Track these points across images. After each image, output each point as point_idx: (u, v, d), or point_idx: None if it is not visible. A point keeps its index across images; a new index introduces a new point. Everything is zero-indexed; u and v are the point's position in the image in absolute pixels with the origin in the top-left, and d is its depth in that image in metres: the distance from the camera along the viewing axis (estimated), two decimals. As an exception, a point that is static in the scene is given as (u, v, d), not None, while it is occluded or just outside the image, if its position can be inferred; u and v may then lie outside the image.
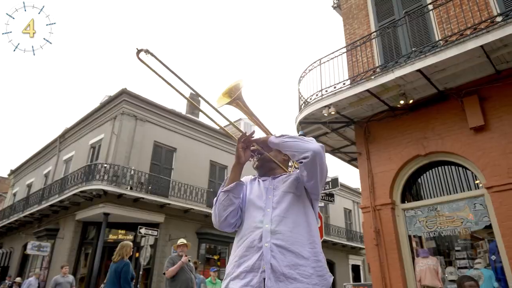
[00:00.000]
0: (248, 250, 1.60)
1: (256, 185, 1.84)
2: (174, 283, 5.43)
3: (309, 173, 1.65)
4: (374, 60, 7.30)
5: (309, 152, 1.61)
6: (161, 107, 15.66)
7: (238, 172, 1.78)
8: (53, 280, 8.45)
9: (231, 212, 1.71)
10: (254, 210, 1.71)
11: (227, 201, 1.71)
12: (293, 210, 1.66)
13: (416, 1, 7.16)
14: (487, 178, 5.49)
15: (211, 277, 7.83)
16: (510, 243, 5.07)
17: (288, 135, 1.74)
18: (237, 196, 1.73)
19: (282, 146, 1.71)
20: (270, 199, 1.71)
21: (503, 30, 4.88)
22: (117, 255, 5.30)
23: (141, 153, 14.52)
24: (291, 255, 1.53)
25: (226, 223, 1.73)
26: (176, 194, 14.57)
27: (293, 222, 1.62)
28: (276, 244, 1.55)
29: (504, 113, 5.52)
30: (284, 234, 1.58)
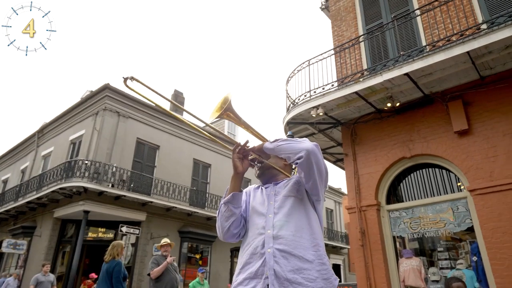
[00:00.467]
0: (251, 257, 1.60)
1: (259, 193, 1.83)
2: (159, 283, 5.34)
3: (306, 173, 1.65)
4: (362, 62, 7.38)
5: (303, 152, 1.60)
6: (144, 103, 15.39)
7: (237, 182, 1.77)
8: (34, 278, 8.20)
9: (233, 222, 1.71)
10: (256, 217, 1.71)
11: (228, 212, 1.71)
12: (295, 214, 1.65)
13: (404, 6, 7.28)
14: (470, 181, 5.63)
15: (199, 278, 7.66)
16: (491, 244, 5.22)
17: (282, 138, 1.73)
18: (237, 206, 1.72)
19: (278, 150, 1.70)
20: (272, 204, 1.70)
21: (489, 37, 5.00)
22: (108, 255, 5.22)
23: (123, 150, 14.25)
24: (295, 259, 1.52)
25: (229, 233, 1.73)
26: (158, 192, 14.38)
27: (295, 226, 1.61)
28: (278, 249, 1.54)
29: (487, 118, 5.67)
30: (287, 238, 1.57)
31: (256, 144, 1.86)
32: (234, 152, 1.76)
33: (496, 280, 5.08)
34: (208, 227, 15.95)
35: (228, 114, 1.78)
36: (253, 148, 1.82)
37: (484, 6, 6.11)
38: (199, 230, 15.43)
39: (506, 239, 5.12)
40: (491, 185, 5.38)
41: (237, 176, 1.76)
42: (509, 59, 5.47)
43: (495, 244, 5.19)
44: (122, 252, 5.42)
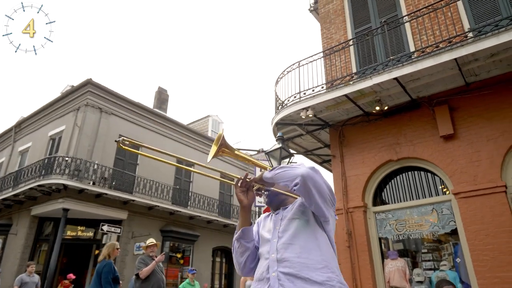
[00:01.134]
0: (258, 284, 1.59)
1: (268, 221, 1.83)
2: (146, 284, 5.25)
3: (306, 198, 1.62)
4: (350, 65, 7.46)
5: (298, 178, 1.57)
6: (128, 100, 15.14)
7: (246, 215, 1.77)
8: (18, 278, 7.93)
9: (248, 256, 1.73)
10: (263, 244, 1.71)
11: (241, 248, 1.73)
12: (301, 236, 1.62)
13: (392, 11, 7.40)
14: (454, 184, 5.78)
15: (189, 279, 7.46)
16: (474, 246, 5.37)
17: (278, 166, 1.72)
18: (249, 240, 1.74)
19: (276, 179, 1.67)
20: (277, 229, 1.69)
21: (476, 45, 5.14)
22: (101, 255, 5.16)
23: (105, 147, 13.95)
24: (301, 282, 1.47)
25: (246, 268, 1.75)
26: (141, 191, 14.16)
27: (300, 248, 1.57)
28: (283, 272, 1.51)
29: (472, 123, 5.83)
30: (292, 261, 1.53)
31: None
32: (237, 187, 1.75)
33: (479, 281, 5.23)
34: (191, 226, 15.84)
35: (224, 150, 1.74)
36: (255, 178, 1.79)
37: (471, 14, 6.28)
38: (181, 229, 15.29)
39: (488, 242, 5.27)
40: (474, 189, 5.53)
41: (244, 210, 1.76)
42: (494, 67, 5.64)
43: (478, 246, 5.35)
44: (115, 252, 5.33)
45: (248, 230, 1.73)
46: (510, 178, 5.47)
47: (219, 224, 16.86)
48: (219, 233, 17.11)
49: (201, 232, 16.09)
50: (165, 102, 18.33)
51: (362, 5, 7.91)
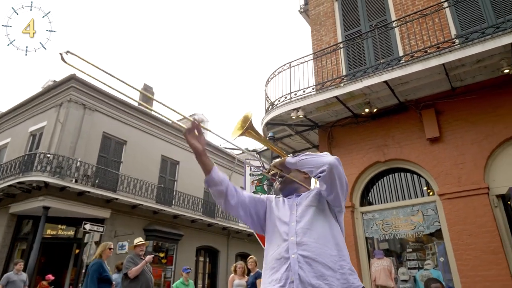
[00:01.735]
0: (276, 262, 1.65)
1: (281, 203, 1.88)
2: (134, 283, 5.20)
3: (328, 187, 1.70)
4: (339, 68, 7.57)
5: (325, 166, 1.65)
6: (112, 96, 14.86)
7: (205, 161, 1.71)
8: (5, 277, 7.68)
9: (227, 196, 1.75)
10: (280, 225, 1.75)
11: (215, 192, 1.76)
12: (317, 223, 1.69)
13: (381, 15, 7.55)
14: (439, 186, 5.95)
15: (183, 278, 7.26)
16: (457, 246, 5.55)
17: (303, 153, 1.80)
18: (217, 183, 1.72)
19: (300, 164, 1.77)
20: (294, 214, 1.75)
21: (463, 51, 5.31)
22: (94, 255, 5.16)
23: (88, 144, 13.68)
24: (318, 266, 1.55)
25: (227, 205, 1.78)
26: (124, 189, 13.94)
27: (317, 234, 1.65)
28: (302, 255, 1.58)
29: (457, 127, 6.02)
30: (310, 245, 1.61)
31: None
32: (188, 135, 1.66)
33: (462, 280, 5.41)
34: (175, 225, 15.70)
35: (250, 132, 1.79)
36: (276, 162, 1.91)
37: (457, 21, 6.48)
38: (165, 228, 15.14)
39: (471, 241, 5.46)
40: (459, 190, 5.72)
41: (201, 155, 1.69)
42: (479, 72, 5.84)
43: (461, 246, 5.53)
44: (108, 252, 5.29)
45: (212, 177, 1.70)
46: (492, 180, 5.68)
47: (204, 223, 16.78)
48: (203, 233, 17.03)
49: (185, 231, 15.98)
50: (150, 99, 18.12)
51: (352, 8, 8.04)
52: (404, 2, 7.22)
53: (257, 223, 1.90)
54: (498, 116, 5.74)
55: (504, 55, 5.29)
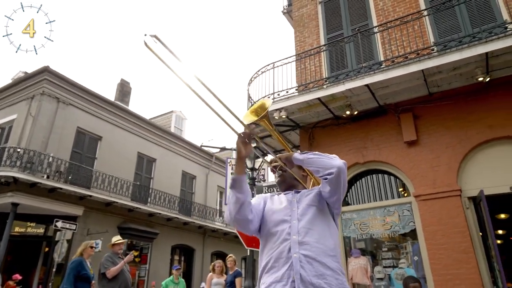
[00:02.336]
0: (276, 261, 1.65)
1: (277, 199, 1.89)
2: (113, 283, 5.08)
3: (332, 189, 1.72)
4: (321, 70, 7.69)
5: (334, 169, 1.68)
6: (88, 90, 14.46)
7: (240, 165, 1.76)
8: None
9: (241, 207, 1.71)
10: (279, 223, 1.75)
11: (233, 198, 1.72)
12: (317, 222, 1.72)
13: (363, 20, 7.72)
14: (415, 187, 6.17)
15: (173, 276, 7.03)
16: (431, 245, 5.78)
17: (311, 152, 1.82)
18: (240, 191, 1.71)
19: (307, 162, 1.78)
20: (295, 211, 1.76)
21: (442, 59, 5.53)
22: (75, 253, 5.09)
23: (62, 139, 13.24)
24: (318, 265, 1.59)
25: (236, 216, 1.73)
26: (99, 186, 13.59)
27: (318, 234, 1.68)
28: (304, 254, 1.60)
29: (433, 131, 6.26)
30: (311, 245, 1.64)
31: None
32: (240, 137, 1.71)
33: (434, 278, 5.63)
34: (150, 223, 15.46)
35: (265, 121, 1.80)
36: (281, 156, 1.91)
37: (436, 29, 6.73)
38: (140, 226, 14.88)
39: (444, 241, 5.70)
40: (434, 192, 5.95)
41: (240, 160, 1.75)
42: (455, 79, 6.08)
43: (435, 246, 5.75)
44: (89, 251, 5.17)
45: (240, 180, 1.72)
46: (464, 183, 5.94)
47: (179, 221, 16.61)
48: (179, 231, 16.86)
49: (160, 229, 15.76)
50: (127, 95, 17.72)
51: (335, 12, 8.18)
52: (385, 8, 7.42)
53: (255, 232, 1.88)
54: (471, 122, 6.01)
55: (479, 64, 5.54)
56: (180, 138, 18.79)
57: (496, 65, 5.62)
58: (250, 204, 1.76)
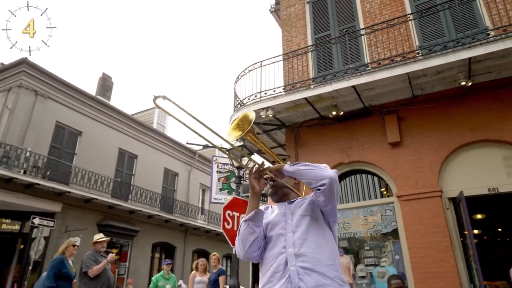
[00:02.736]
0: (273, 276, 1.63)
1: (270, 213, 1.88)
2: (95, 282, 4.98)
3: (326, 199, 1.71)
4: (308, 70, 7.74)
5: (326, 180, 1.67)
6: (68, 84, 14.06)
7: (256, 201, 1.81)
8: None
9: (254, 241, 1.72)
10: (275, 236, 1.74)
11: (249, 230, 1.73)
12: (313, 232, 1.70)
13: (350, 21, 7.81)
14: (398, 188, 6.30)
15: (164, 271, 6.79)
16: (412, 244, 5.92)
17: (301, 163, 1.80)
18: (258, 225, 1.75)
19: (298, 174, 1.77)
20: (289, 223, 1.75)
21: (427, 62, 5.66)
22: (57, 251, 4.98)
23: (40, 133, 12.85)
24: (317, 276, 1.57)
25: (249, 252, 1.73)
26: (78, 182, 13.27)
27: (314, 243, 1.66)
28: (302, 266, 1.59)
29: (416, 133, 6.40)
30: (308, 256, 1.62)
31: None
32: (251, 173, 1.78)
33: (415, 276, 5.77)
34: (131, 220, 15.22)
35: (250, 135, 1.80)
36: (271, 168, 1.88)
37: (420, 33, 6.87)
38: (120, 223, 14.63)
39: (424, 240, 5.85)
40: (416, 193, 6.09)
41: (254, 196, 1.80)
42: (438, 83, 6.24)
43: (416, 245, 5.90)
44: (72, 249, 5.06)
45: (260, 213, 1.76)
46: (445, 184, 6.11)
47: (161, 219, 16.41)
48: (160, 229, 16.66)
49: (141, 227, 15.54)
50: (109, 89, 17.33)
51: (323, 12, 8.24)
52: (372, 10, 7.53)
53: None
54: (453, 125, 6.18)
55: (462, 68, 5.70)
56: (163, 134, 18.54)
57: (478, 70, 5.80)
58: (261, 237, 1.76)
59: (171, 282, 6.54)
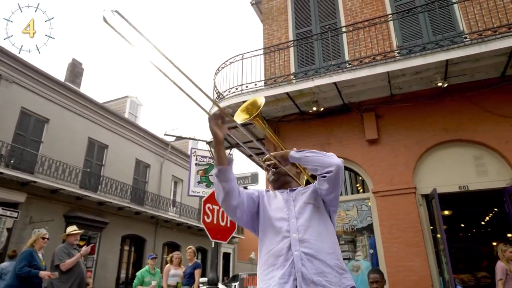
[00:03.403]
0: (276, 259, 1.64)
1: (273, 197, 1.86)
2: (68, 276, 4.79)
3: (330, 187, 1.73)
4: (290, 64, 7.73)
5: (332, 167, 1.69)
6: (35, 68, 13.36)
7: (221, 151, 1.69)
8: None
9: (227, 195, 1.69)
10: (277, 221, 1.73)
11: (219, 186, 1.70)
12: (315, 221, 1.72)
13: (332, 18, 7.86)
14: (374, 184, 6.45)
15: (149, 266, 6.55)
16: (386, 239, 6.09)
17: (308, 150, 1.80)
18: (226, 179, 1.67)
19: (304, 160, 1.77)
20: (292, 209, 1.75)
21: (407, 62, 5.79)
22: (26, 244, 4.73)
23: (3, 120, 12.17)
24: (318, 263, 1.59)
25: (222, 207, 1.75)
26: (44, 171, 12.70)
27: (316, 231, 1.68)
28: (304, 252, 1.60)
29: (393, 131, 6.56)
30: (311, 242, 1.64)
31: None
32: (212, 120, 1.64)
33: (388, 270, 5.94)
34: (100, 212, 14.79)
35: (258, 120, 1.76)
36: (276, 154, 1.88)
37: (400, 33, 7.02)
38: (89, 215, 14.18)
39: (398, 235, 6.03)
40: (391, 189, 6.26)
41: (219, 144, 1.67)
42: (415, 83, 6.40)
43: (390, 239, 6.08)
44: (41, 242, 4.82)
45: (225, 170, 1.67)
46: (419, 181, 6.32)
47: (131, 211, 16.06)
48: (130, 221, 16.30)
49: (110, 219, 15.14)
50: (79, 76, 16.60)
51: (305, 7, 8.24)
52: (353, 8, 7.60)
53: (250, 222, 1.85)
54: (428, 124, 6.38)
55: (439, 70, 5.88)
56: (135, 124, 18.06)
57: (454, 72, 5.99)
58: (235, 191, 1.72)
59: (157, 278, 6.37)
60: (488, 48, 5.40)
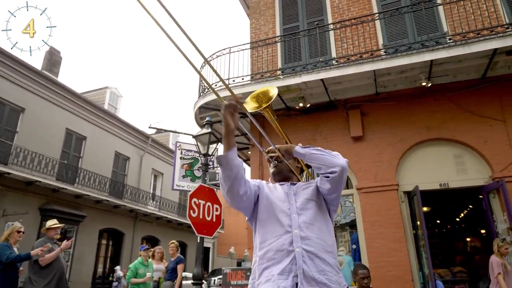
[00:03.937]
0: (276, 254, 1.61)
1: (273, 189, 1.83)
2: (48, 270, 4.64)
3: (332, 187, 1.71)
4: (277, 60, 7.71)
5: (337, 168, 1.67)
6: (10, 55, 12.77)
7: (231, 139, 1.62)
8: None
9: (233, 184, 1.62)
10: (279, 213, 1.70)
11: (223, 174, 1.64)
12: (318, 218, 1.70)
13: (319, 15, 7.88)
14: (358, 180, 6.54)
15: (142, 258, 6.32)
16: (369, 235, 6.21)
17: (313, 147, 1.78)
18: (228, 168, 1.60)
19: (308, 157, 1.74)
20: (293, 204, 1.72)
21: (393, 61, 5.88)
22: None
23: (-25, 108, 11.63)
24: (319, 261, 1.58)
25: (227, 195, 1.67)
26: (19, 163, 12.25)
27: (318, 229, 1.66)
28: (306, 249, 1.59)
29: (378, 128, 6.67)
30: (313, 240, 1.62)
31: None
32: (226, 108, 1.59)
33: (370, 265, 6.05)
34: (77, 205, 14.41)
35: (267, 111, 1.73)
36: (281, 147, 1.86)
37: (385, 32, 7.11)
38: (65, 208, 13.80)
39: (381, 231, 6.15)
40: (374, 185, 6.37)
41: (230, 133, 1.61)
42: (400, 82, 6.52)
43: (372, 235, 6.19)
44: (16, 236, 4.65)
45: (230, 158, 1.60)
46: (401, 178, 6.46)
47: (109, 204, 15.73)
48: (108, 214, 15.97)
49: (88, 212, 14.78)
50: (57, 65, 16.02)
51: (292, 3, 8.22)
52: (340, 6, 7.64)
53: (251, 212, 1.81)
54: (411, 123, 6.52)
55: (423, 69, 6.00)
56: (114, 116, 17.63)
57: (437, 72, 6.13)
58: (242, 178, 1.67)
59: (151, 269, 6.22)
60: (471, 49, 5.54)
